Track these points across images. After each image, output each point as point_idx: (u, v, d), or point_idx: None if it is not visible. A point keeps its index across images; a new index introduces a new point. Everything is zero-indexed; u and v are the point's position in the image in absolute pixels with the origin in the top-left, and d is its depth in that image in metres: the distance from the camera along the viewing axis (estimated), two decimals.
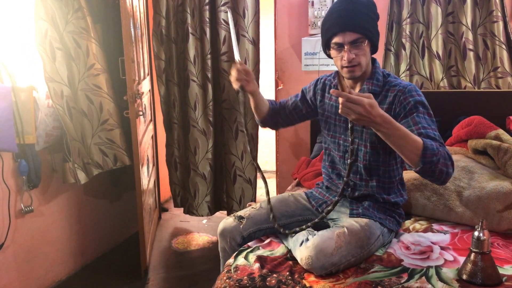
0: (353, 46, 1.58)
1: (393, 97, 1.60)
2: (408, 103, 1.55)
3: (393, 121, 1.36)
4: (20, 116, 2.22)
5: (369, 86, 1.65)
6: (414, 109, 1.53)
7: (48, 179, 2.54)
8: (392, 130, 1.35)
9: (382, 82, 1.65)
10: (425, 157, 1.35)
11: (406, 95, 1.56)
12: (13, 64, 2.23)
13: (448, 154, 1.41)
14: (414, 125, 1.49)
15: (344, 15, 1.58)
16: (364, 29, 1.57)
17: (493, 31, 2.56)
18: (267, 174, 5.03)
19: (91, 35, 2.55)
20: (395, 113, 1.58)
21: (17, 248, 2.38)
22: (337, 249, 1.47)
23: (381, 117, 1.33)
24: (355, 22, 1.57)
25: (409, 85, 1.61)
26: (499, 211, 1.78)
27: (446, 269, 1.49)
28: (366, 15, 1.58)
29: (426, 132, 1.45)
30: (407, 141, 1.35)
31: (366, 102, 1.30)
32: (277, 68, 3.10)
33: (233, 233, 1.72)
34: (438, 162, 1.36)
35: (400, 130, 1.35)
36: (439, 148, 1.38)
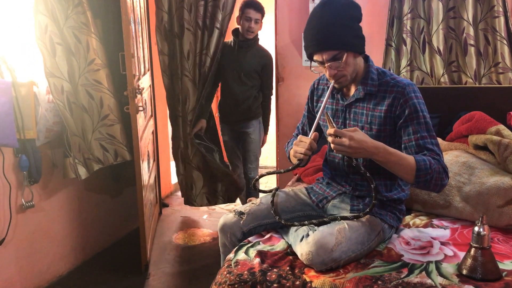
0: (333, 62, 1.56)
1: (392, 99, 1.57)
2: (408, 106, 1.54)
3: (387, 148, 1.45)
4: (20, 111, 2.22)
5: (364, 87, 1.63)
6: (414, 114, 1.54)
7: (48, 174, 2.55)
8: (387, 156, 1.45)
9: (378, 81, 1.63)
10: (419, 177, 1.45)
11: (406, 97, 1.55)
12: (13, 59, 2.23)
13: (443, 167, 1.49)
14: (414, 134, 1.54)
15: (316, 33, 1.55)
16: (340, 44, 1.54)
17: (494, 26, 2.55)
18: (268, 169, 5.04)
19: (91, 30, 2.54)
20: (395, 115, 1.58)
21: (18, 243, 2.39)
22: (338, 244, 1.47)
23: (375, 147, 1.43)
24: (330, 40, 1.53)
25: (407, 84, 1.58)
26: (499, 206, 1.78)
27: (446, 264, 1.49)
28: (341, 26, 1.53)
29: (424, 143, 1.52)
30: (401, 164, 1.46)
31: (352, 134, 1.40)
32: (278, 63, 3.10)
33: (234, 229, 1.72)
34: (432, 179, 1.46)
35: (394, 155, 1.45)
36: (433, 166, 1.46)
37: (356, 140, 1.40)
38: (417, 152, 1.53)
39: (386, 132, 1.60)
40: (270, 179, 4.66)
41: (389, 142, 1.61)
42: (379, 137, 1.60)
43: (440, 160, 1.50)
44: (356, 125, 1.66)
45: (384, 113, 1.58)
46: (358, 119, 1.66)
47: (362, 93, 1.63)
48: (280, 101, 3.14)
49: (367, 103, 1.63)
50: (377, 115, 1.61)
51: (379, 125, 1.60)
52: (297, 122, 3.04)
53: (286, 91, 3.10)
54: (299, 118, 3.01)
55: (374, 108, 1.61)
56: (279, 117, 3.17)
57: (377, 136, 1.60)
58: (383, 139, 1.59)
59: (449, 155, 2.07)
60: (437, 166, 1.47)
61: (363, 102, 1.64)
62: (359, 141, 1.40)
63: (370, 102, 1.62)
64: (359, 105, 1.66)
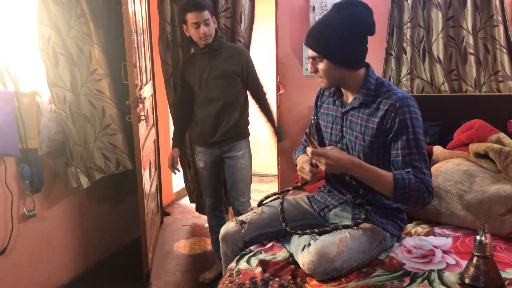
0: (313, 61, 1.63)
1: (384, 112, 1.57)
2: (399, 121, 1.54)
3: (363, 164, 1.50)
4: (23, 121, 2.23)
5: (360, 96, 1.64)
6: (404, 130, 1.54)
7: (50, 183, 2.55)
8: (364, 173, 1.50)
9: (374, 92, 1.62)
10: (396, 194, 1.49)
11: (398, 111, 1.54)
12: (16, 69, 2.25)
13: (425, 186, 1.50)
14: (402, 149, 1.55)
15: (310, 30, 1.63)
16: (321, 50, 1.58)
17: (494, 35, 2.56)
18: (269, 177, 5.04)
19: (94, 40, 2.56)
20: (386, 127, 1.58)
21: (20, 252, 2.39)
22: (339, 254, 1.47)
23: (352, 163, 1.48)
24: (314, 39, 1.59)
25: (401, 97, 1.56)
26: (501, 214, 1.78)
27: (449, 273, 1.49)
28: (326, 35, 1.55)
29: (411, 160, 1.53)
30: (378, 182, 1.50)
31: (329, 153, 1.46)
32: (278, 72, 3.11)
33: (235, 238, 1.72)
34: (410, 197, 1.49)
35: (371, 172, 1.50)
36: (412, 185, 1.48)
37: (331, 158, 1.46)
38: (403, 168, 1.54)
39: (378, 143, 1.61)
40: (272, 187, 4.66)
41: (383, 153, 1.62)
42: (372, 148, 1.61)
43: (423, 179, 1.50)
44: (351, 133, 1.68)
45: (376, 125, 1.59)
46: (353, 128, 1.67)
47: (357, 102, 1.64)
48: (281, 110, 3.15)
49: (362, 112, 1.64)
50: (370, 126, 1.61)
51: (372, 136, 1.60)
52: (298, 130, 3.05)
53: (287, 100, 3.11)
54: (300, 127, 3.04)
55: (367, 118, 1.62)
56: (280, 126, 3.18)
57: (370, 147, 1.61)
58: (376, 151, 1.61)
59: (450, 163, 2.07)
60: (418, 185, 1.48)
61: (358, 112, 1.65)
62: (335, 158, 1.46)
63: (364, 112, 1.63)
64: (355, 114, 1.67)
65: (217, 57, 2.47)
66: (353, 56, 1.59)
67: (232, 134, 2.53)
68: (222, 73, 2.45)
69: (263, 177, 5.06)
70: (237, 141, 2.56)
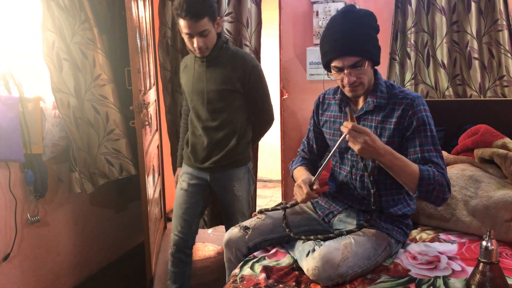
0: (353, 69, 1.56)
1: (402, 111, 1.58)
2: (417, 118, 1.56)
3: (394, 152, 1.48)
4: (27, 126, 2.24)
5: (374, 99, 1.63)
6: (422, 127, 1.56)
7: (54, 189, 2.55)
8: (393, 161, 1.48)
9: (387, 93, 1.64)
10: (421, 186, 1.47)
11: (415, 109, 1.57)
12: (20, 75, 2.26)
13: (445, 180, 1.51)
14: (420, 146, 1.55)
15: (340, 38, 1.53)
16: (363, 52, 1.54)
17: (498, 39, 2.55)
18: (273, 183, 5.03)
19: (98, 46, 2.57)
20: (403, 126, 1.58)
21: (24, 258, 2.38)
22: (344, 260, 1.46)
23: (384, 149, 1.46)
24: (353, 46, 1.53)
25: (416, 97, 1.60)
26: (507, 220, 1.77)
27: (454, 279, 1.47)
28: (364, 34, 1.54)
29: (430, 156, 1.54)
30: (405, 171, 1.48)
31: (369, 131, 1.44)
32: (282, 77, 3.11)
33: (239, 244, 1.71)
34: (434, 190, 1.48)
35: (400, 160, 1.48)
36: (436, 177, 1.48)
37: (371, 138, 1.43)
38: (423, 164, 1.54)
39: (394, 144, 1.60)
40: (275, 193, 4.65)
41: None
42: None
43: (444, 174, 1.52)
44: None
45: (394, 125, 1.59)
46: None
47: (371, 106, 1.63)
48: (284, 115, 3.15)
49: (376, 115, 1.63)
50: (386, 127, 1.61)
51: (388, 137, 1.60)
52: (302, 135, 3.04)
53: (291, 105, 3.11)
54: (304, 132, 3.03)
55: (383, 120, 1.62)
56: (284, 131, 3.17)
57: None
58: None
59: (455, 168, 2.06)
60: (440, 178, 1.49)
61: (372, 115, 1.64)
62: (373, 139, 1.44)
63: (379, 115, 1.63)
64: (368, 117, 1.65)
65: (216, 66, 2.07)
66: (379, 50, 1.61)
67: (227, 161, 2.15)
68: (218, 89, 2.07)
69: (266, 182, 5.05)
70: (233, 168, 2.18)
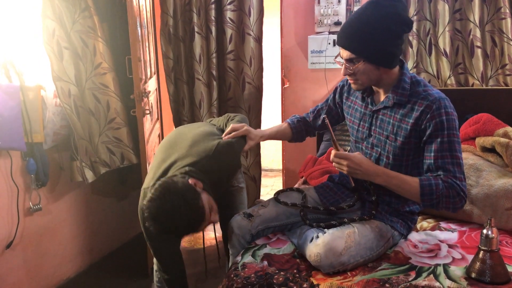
0: (349, 63, 1.54)
1: (420, 113, 1.50)
2: (434, 123, 1.48)
3: (388, 173, 1.48)
4: (28, 115, 2.23)
5: (394, 95, 1.56)
6: (440, 132, 1.48)
7: (56, 177, 2.56)
8: (389, 180, 1.48)
9: (409, 91, 1.55)
10: (424, 201, 1.47)
11: (434, 113, 1.48)
12: (21, 64, 2.25)
13: (455, 190, 1.45)
14: (435, 152, 1.49)
15: (345, 28, 1.52)
16: (358, 51, 1.50)
17: (501, 28, 2.54)
18: (274, 172, 5.03)
19: (98, 34, 2.56)
20: (420, 129, 1.52)
21: (26, 246, 2.40)
22: (347, 249, 1.47)
23: (375, 171, 1.47)
24: (350, 41, 1.50)
25: (438, 99, 1.50)
26: (507, 208, 1.77)
27: (454, 267, 1.48)
28: (369, 34, 1.47)
29: (443, 163, 1.48)
30: (404, 189, 1.49)
31: (351, 156, 1.45)
32: (283, 66, 3.10)
33: (242, 231, 1.72)
34: (439, 202, 1.46)
35: (396, 179, 1.48)
36: (439, 191, 1.44)
37: (355, 162, 1.46)
38: (435, 171, 1.49)
39: (410, 144, 1.55)
40: (276, 182, 4.66)
41: (413, 155, 1.57)
42: (403, 149, 1.56)
43: (453, 184, 1.45)
44: (381, 133, 1.61)
45: (410, 126, 1.53)
46: (384, 127, 1.61)
47: (391, 102, 1.57)
48: (286, 104, 3.14)
49: (395, 112, 1.57)
50: (403, 127, 1.55)
51: (404, 137, 1.55)
52: None
53: (291, 94, 3.10)
54: None
55: (401, 119, 1.55)
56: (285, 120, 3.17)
57: (401, 148, 1.56)
58: (407, 152, 1.56)
59: None
60: (446, 190, 1.44)
61: (391, 111, 1.59)
62: (358, 163, 1.46)
63: (398, 112, 1.57)
64: (387, 113, 1.60)
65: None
66: (393, 55, 1.51)
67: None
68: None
69: (267, 171, 5.06)
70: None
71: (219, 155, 1.70)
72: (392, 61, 1.53)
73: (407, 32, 1.55)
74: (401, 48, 1.55)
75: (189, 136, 1.80)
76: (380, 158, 1.63)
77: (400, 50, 1.54)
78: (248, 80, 3.02)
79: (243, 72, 3.01)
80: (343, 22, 2.73)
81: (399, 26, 1.49)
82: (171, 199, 1.48)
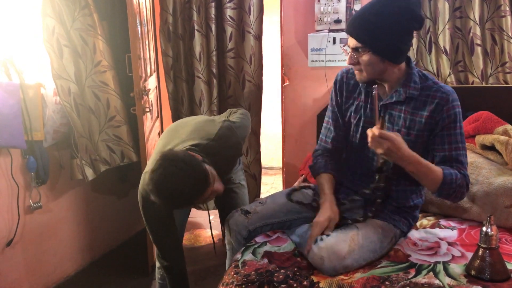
0: (355, 52, 1.54)
1: (435, 105, 1.52)
2: (449, 116, 1.51)
3: (420, 159, 1.45)
4: (28, 113, 2.24)
5: (406, 89, 1.56)
6: (453, 124, 1.51)
7: (56, 175, 2.56)
8: (419, 168, 1.46)
9: (420, 85, 1.56)
10: (443, 189, 1.48)
11: (449, 105, 1.51)
12: (21, 61, 2.25)
13: (466, 181, 1.50)
14: (449, 143, 1.52)
15: (356, 17, 1.52)
16: (366, 41, 1.49)
17: (501, 25, 2.53)
18: (274, 170, 5.04)
19: (98, 32, 2.56)
20: (435, 121, 1.53)
21: (26, 244, 2.40)
22: (350, 252, 1.46)
23: (409, 156, 1.44)
24: (360, 30, 1.50)
25: (451, 92, 1.53)
26: (507, 206, 1.77)
27: (454, 265, 1.48)
28: (375, 25, 1.46)
29: (457, 155, 1.51)
30: (429, 177, 1.48)
31: (394, 137, 1.40)
32: (283, 64, 3.10)
33: (239, 227, 1.72)
34: (454, 192, 1.49)
35: (425, 166, 1.46)
36: (458, 181, 1.47)
37: (396, 146, 1.40)
38: (449, 162, 1.51)
39: (424, 138, 1.56)
40: (276, 180, 4.66)
41: (423, 148, 1.58)
42: (416, 143, 1.56)
43: (465, 175, 1.50)
44: (391, 128, 1.60)
45: (425, 119, 1.54)
46: (395, 121, 1.60)
47: (403, 96, 1.56)
48: (286, 102, 3.14)
49: (406, 106, 1.57)
50: (417, 120, 1.55)
51: (418, 130, 1.55)
52: (303, 122, 3.04)
53: (291, 92, 3.10)
54: (305, 119, 3.03)
55: (414, 112, 1.55)
56: (285, 118, 3.17)
57: (414, 142, 1.56)
58: (419, 145, 1.56)
59: None
60: (462, 181, 1.48)
61: (402, 105, 1.58)
62: (398, 147, 1.41)
63: (409, 106, 1.56)
64: (398, 107, 1.59)
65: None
66: (401, 50, 1.52)
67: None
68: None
69: (267, 169, 5.06)
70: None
71: (221, 139, 1.73)
72: (398, 56, 1.53)
73: (417, 29, 1.56)
74: (409, 44, 1.55)
75: (191, 124, 1.83)
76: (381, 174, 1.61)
77: (408, 46, 1.54)
78: (248, 78, 3.02)
79: (243, 70, 3.02)
80: (343, 20, 2.75)
81: (409, 22, 1.48)
82: (173, 164, 1.47)
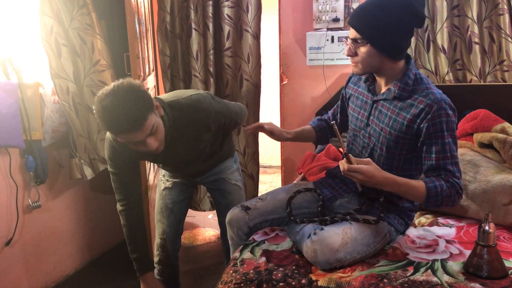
0: (354, 43, 1.55)
1: (419, 110, 1.50)
2: (433, 124, 1.48)
3: (396, 180, 1.48)
4: (26, 112, 2.24)
5: (396, 89, 1.56)
6: (439, 133, 1.48)
7: (55, 175, 2.56)
8: (396, 187, 1.48)
9: (411, 87, 1.55)
10: (429, 202, 1.49)
11: (435, 113, 1.48)
12: (19, 61, 2.25)
13: (455, 189, 1.49)
14: (436, 153, 1.50)
15: (358, 8, 1.54)
16: (363, 32, 1.50)
17: (499, 24, 2.54)
18: (272, 169, 5.04)
19: (96, 31, 2.56)
20: (418, 127, 1.52)
21: (25, 243, 2.40)
22: (343, 245, 1.47)
23: (385, 180, 1.46)
24: (361, 21, 1.51)
25: (440, 100, 1.49)
26: (505, 204, 1.78)
27: (452, 262, 1.49)
28: (375, 17, 1.47)
29: (444, 164, 1.50)
30: (411, 194, 1.50)
31: (364, 169, 1.42)
32: (282, 62, 3.10)
33: (240, 223, 1.73)
34: (442, 203, 1.49)
35: (404, 185, 1.48)
36: (444, 192, 1.47)
37: (368, 176, 1.43)
38: (436, 171, 1.51)
39: (405, 140, 1.56)
40: (275, 178, 4.67)
41: (406, 150, 1.58)
42: (397, 143, 1.57)
43: (454, 183, 1.48)
44: (377, 124, 1.62)
45: (407, 122, 1.53)
46: (381, 119, 1.61)
47: (392, 95, 1.57)
48: (284, 101, 3.14)
49: (394, 105, 1.58)
50: (399, 121, 1.55)
51: (399, 131, 1.55)
52: (302, 121, 3.04)
53: (290, 90, 3.10)
54: (304, 118, 3.03)
55: (398, 112, 1.56)
56: (284, 117, 3.17)
57: (395, 142, 1.57)
58: (400, 146, 1.57)
59: None
60: (449, 191, 1.47)
61: (390, 104, 1.59)
62: (370, 176, 1.43)
63: (396, 106, 1.57)
64: (385, 105, 1.61)
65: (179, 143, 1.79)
66: (399, 46, 1.52)
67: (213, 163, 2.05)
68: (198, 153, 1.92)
69: (266, 168, 5.07)
70: (219, 164, 2.08)
71: (191, 100, 1.75)
72: (397, 52, 1.54)
73: (417, 27, 1.56)
74: (409, 41, 1.55)
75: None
76: (374, 149, 1.64)
77: (407, 43, 1.55)
78: (246, 77, 3.02)
79: (240, 69, 3.02)
80: (341, 19, 2.75)
81: (411, 19, 1.49)
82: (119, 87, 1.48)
